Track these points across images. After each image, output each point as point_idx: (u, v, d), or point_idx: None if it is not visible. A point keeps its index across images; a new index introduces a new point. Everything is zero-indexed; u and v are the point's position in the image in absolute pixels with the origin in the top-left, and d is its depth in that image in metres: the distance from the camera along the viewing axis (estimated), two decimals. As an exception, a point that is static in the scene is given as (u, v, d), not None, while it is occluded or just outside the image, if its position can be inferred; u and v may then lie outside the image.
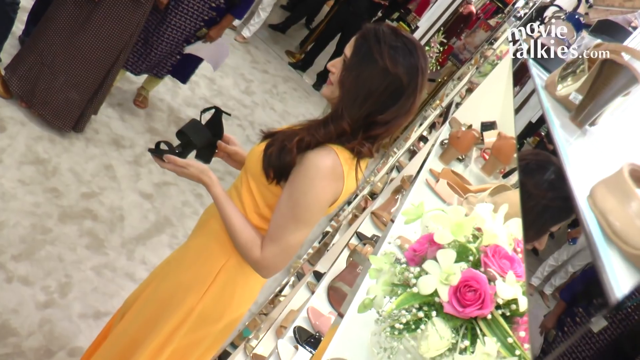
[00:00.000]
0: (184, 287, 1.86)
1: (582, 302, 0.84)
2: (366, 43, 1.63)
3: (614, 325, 0.78)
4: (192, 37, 4.41)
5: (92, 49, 3.65)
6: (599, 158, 1.29)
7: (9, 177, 3.34)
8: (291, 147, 1.64)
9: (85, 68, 3.70)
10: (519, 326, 1.23)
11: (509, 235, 1.33)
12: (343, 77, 1.66)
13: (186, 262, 1.91)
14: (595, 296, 0.69)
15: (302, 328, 2.42)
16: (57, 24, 3.61)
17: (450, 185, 2.67)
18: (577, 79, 1.56)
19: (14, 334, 2.65)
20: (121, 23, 3.66)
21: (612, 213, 0.72)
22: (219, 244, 1.84)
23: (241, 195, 1.81)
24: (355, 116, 1.65)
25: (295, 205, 1.67)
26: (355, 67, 1.64)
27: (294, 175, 1.66)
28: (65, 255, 3.15)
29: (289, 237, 1.69)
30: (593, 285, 0.76)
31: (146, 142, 4.46)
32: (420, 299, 1.24)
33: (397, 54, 1.61)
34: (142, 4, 3.67)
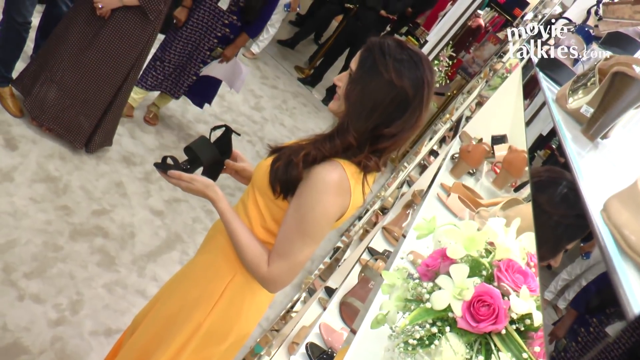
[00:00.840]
0: (191, 303, 1.87)
1: (594, 313, 0.84)
2: (371, 56, 1.63)
3: (627, 334, 0.77)
4: (207, 56, 4.46)
5: (101, 65, 3.69)
6: (611, 171, 1.29)
7: (20, 195, 3.36)
8: (297, 162, 1.64)
9: (95, 85, 3.73)
10: (534, 341, 1.23)
11: (522, 250, 1.33)
12: (348, 91, 1.66)
13: (193, 278, 1.91)
14: (611, 309, 0.68)
15: (314, 344, 2.42)
16: (66, 41, 3.65)
17: (461, 200, 2.67)
18: (588, 92, 1.56)
19: (26, 352, 2.66)
20: (130, 40, 3.69)
21: (627, 227, 0.72)
22: (225, 260, 1.84)
23: (247, 209, 1.81)
24: (361, 129, 1.65)
25: (302, 220, 1.66)
26: (361, 80, 1.63)
27: (301, 189, 1.66)
28: (76, 273, 3.16)
29: (297, 252, 1.69)
30: (608, 297, 0.76)
31: (156, 159, 4.46)
32: (433, 314, 1.24)
33: (402, 67, 1.61)
34: (151, 22, 3.70)
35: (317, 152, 1.65)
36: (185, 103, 5.35)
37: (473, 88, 5.99)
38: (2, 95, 3.85)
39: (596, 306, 0.91)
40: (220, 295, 1.84)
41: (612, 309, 0.67)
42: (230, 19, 4.32)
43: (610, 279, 0.64)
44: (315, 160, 1.64)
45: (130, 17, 3.64)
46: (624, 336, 0.59)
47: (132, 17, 3.64)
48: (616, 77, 1.40)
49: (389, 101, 1.62)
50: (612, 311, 0.67)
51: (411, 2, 8.39)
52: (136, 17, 3.65)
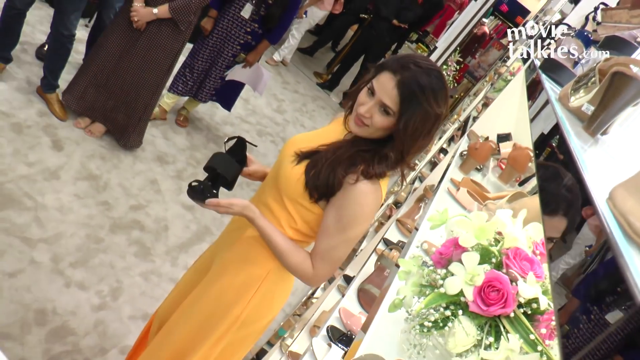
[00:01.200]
0: (230, 300, 1.85)
1: (598, 300, 0.82)
2: (410, 91, 1.55)
3: (629, 320, 0.76)
4: (231, 62, 4.49)
5: (139, 71, 3.75)
6: (612, 164, 1.27)
7: (66, 192, 3.40)
8: (344, 178, 1.63)
9: (135, 89, 3.81)
10: (540, 323, 1.22)
11: (529, 239, 1.32)
12: (392, 126, 1.61)
13: (230, 276, 1.87)
14: (618, 295, 0.67)
15: (334, 327, 2.41)
16: (107, 51, 3.71)
17: (470, 193, 2.65)
18: (589, 91, 1.54)
19: (73, 333, 2.69)
20: (164, 49, 3.73)
21: (632, 213, 0.71)
22: (262, 256, 1.83)
23: (274, 212, 1.78)
24: (407, 153, 1.65)
25: (344, 229, 1.67)
26: (404, 116, 1.57)
27: (344, 201, 1.65)
28: (116, 263, 3.18)
29: (338, 255, 1.72)
30: (613, 284, 0.75)
31: (187, 159, 4.51)
32: (447, 298, 1.23)
33: (438, 96, 1.58)
34: (182, 32, 3.73)
35: (369, 171, 1.63)
36: (213, 106, 5.37)
37: (479, 90, 5.94)
38: (50, 101, 3.90)
39: (597, 291, 0.90)
40: (257, 289, 1.83)
41: (619, 294, 0.66)
42: (252, 27, 4.35)
43: (617, 264, 0.63)
44: (366, 176, 1.63)
45: (164, 29, 3.67)
46: (633, 320, 0.58)
47: (165, 29, 3.67)
48: (615, 77, 1.38)
49: (429, 129, 1.61)
50: (619, 297, 0.66)
51: (421, 12, 8.34)
52: (169, 29, 3.68)
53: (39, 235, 3.03)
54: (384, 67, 1.59)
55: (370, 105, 1.60)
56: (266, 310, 1.89)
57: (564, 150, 1.25)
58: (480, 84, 6.67)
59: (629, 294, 0.57)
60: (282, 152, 1.83)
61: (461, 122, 4.71)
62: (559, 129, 1.44)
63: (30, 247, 2.93)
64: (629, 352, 0.76)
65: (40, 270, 2.86)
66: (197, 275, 2.07)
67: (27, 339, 2.55)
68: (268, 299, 1.87)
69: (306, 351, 2.35)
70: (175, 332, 1.95)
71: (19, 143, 3.51)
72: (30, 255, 2.90)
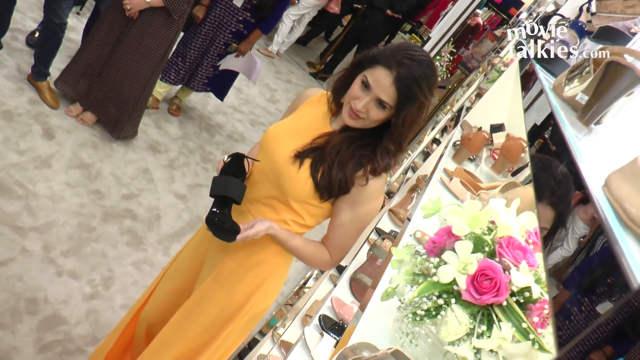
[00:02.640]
0: (241, 300, 1.88)
1: (591, 289, 0.82)
2: (406, 86, 1.55)
3: (631, 304, 0.76)
4: (223, 50, 4.46)
5: (132, 61, 3.72)
6: (606, 153, 1.27)
7: (57, 181, 3.37)
8: (359, 177, 1.66)
9: (128, 79, 3.78)
10: (532, 312, 1.22)
11: (522, 228, 1.32)
12: (386, 118, 1.62)
13: (241, 281, 1.87)
14: (613, 281, 0.67)
15: (326, 316, 2.41)
16: (100, 40, 3.69)
17: (463, 183, 2.65)
18: (583, 81, 1.53)
19: (64, 322, 2.68)
20: (157, 37, 3.70)
21: (628, 200, 0.71)
22: (268, 252, 1.85)
23: (279, 212, 1.77)
24: (403, 145, 1.69)
25: (360, 223, 1.76)
26: (402, 109, 1.57)
27: (358, 199, 1.70)
28: (108, 252, 3.17)
29: (353, 241, 1.81)
30: (607, 271, 0.75)
31: (179, 148, 4.49)
32: (439, 287, 1.23)
33: (432, 84, 1.59)
34: (175, 21, 3.70)
35: (377, 168, 1.67)
36: (205, 96, 5.34)
37: (472, 81, 5.94)
38: (41, 89, 3.87)
39: (590, 280, 0.90)
40: (265, 285, 1.89)
41: (613, 281, 0.66)
42: (244, 16, 4.33)
43: (613, 251, 0.62)
44: (374, 174, 1.67)
45: (156, 17, 3.64)
46: (627, 307, 0.58)
47: (158, 17, 3.64)
48: (610, 66, 1.38)
49: (424, 114, 1.64)
50: (614, 283, 0.65)
51: (414, 3, 8.30)
52: (161, 17, 3.65)
53: (30, 224, 3.01)
54: (378, 62, 1.57)
55: (367, 101, 1.59)
56: (270, 299, 1.95)
57: (558, 140, 1.25)
58: (473, 74, 6.67)
59: (624, 280, 0.56)
60: (268, 148, 1.79)
61: (454, 113, 4.71)
62: (553, 119, 1.44)
63: (22, 236, 2.92)
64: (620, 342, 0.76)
65: (32, 259, 2.84)
66: (187, 276, 2.04)
67: (18, 328, 2.53)
68: (274, 289, 1.93)
69: (298, 340, 2.35)
70: (176, 340, 1.93)
71: (10, 131, 3.48)
72: (22, 244, 2.88)
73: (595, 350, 0.74)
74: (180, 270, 2.10)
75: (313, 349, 2.19)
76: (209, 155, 4.67)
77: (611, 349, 0.76)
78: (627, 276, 0.56)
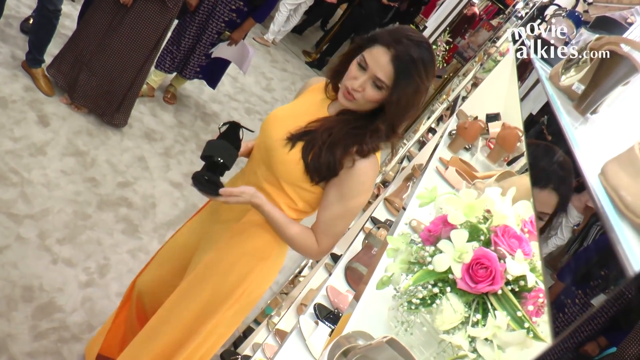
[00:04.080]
0: (235, 282, 1.87)
1: (585, 280, 0.82)
2: (404, 66, 1.55)
3: (610, 302, 0.76)
4: (215, 39, 4.44)
5: (126, 48, 3.68)
6: (602, 142, 1.27)
7: (53, 168, 3.36)
8: (344, 159, 1.65)
9: (120, 66, 3.74)
10: (527, 301, 1.22)
11: (517, 216, 1.31)
12: (384, 100, 1.61)
13: (236, 265, 1.87)
14: (609, 269, 0.67)
15: (321, 305, 2.42)
16: (94, 26, 3.65)
17: (458, 172, 2.64)
18: (579, 70, 1.53)
19: (60, 310, 2.67)
20: (151, 25, 3.67)
21: (624, 188, 0.70)
22: (267, 236, 1.85)
23: (272, 196, 1.78)
24: (399, 125, 1.68)
25: (347, 206, 1.70)
26: (398, 89, 1.57)
27: (345, 181, 1.67)
28: (103, 240, 3.16)
29: (340, 228, 1.76)
30: (602, 260, 0.74)
31: (175, 136, 4.47)
32: (435, 275, 1.23)
33: (430, 68, 1.59)
34: (169, 9, 3.68)
35: (364, 148, 1.64)
36: (201, 84, 5.32)
37: (468, 71, 5.93)
38: (35, 76, 3.84)
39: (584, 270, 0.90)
40: (260, 270, 1.88)
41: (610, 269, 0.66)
42: (237, 5, 4.30)
43: (609, 238, 0.62)
44: (361, 154, 1.65)
45: (151, 5, 3.62)
46: (624, 295, 0.58)
47: (152, 5, 3.62)
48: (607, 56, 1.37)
49: (420, 99, 1.62)
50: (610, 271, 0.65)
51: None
52: (156, 5, 3.62)
53: (25, 212, 3.00)
54: (376, 41, 1.58)
55: (364, 80, 1.59)
56: (264, 286, 1.95)
57: (555, 129, 1.24)
58: (469, 64, 6.65)
59: (619, 269, 0.56)
60: (265, 129, 1.80)
61: (450, 102, 4.70)
62: (549, 108, 1.44)
63: (17, 223, 2.91)
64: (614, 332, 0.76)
65: (27, 247, 2.84)
66: (186, 252, 2.06)
67: (14, 316, 2.53)
68: (267, 276, 1.93)
69: (293, 329, 2.35)
70: (167, 327, 1.94)
71: (4, 118, 3.46)
72: (17, 231, 2.87)
73: (590, 340, 0.75)
74: (180, 245, 2.12)
75: (308, 338, 2.20)
76: (204, 143, 4.65)
77: (605, 339, 0.76)
78: (623, 264, 0.56)
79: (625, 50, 1.38)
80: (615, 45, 1.42)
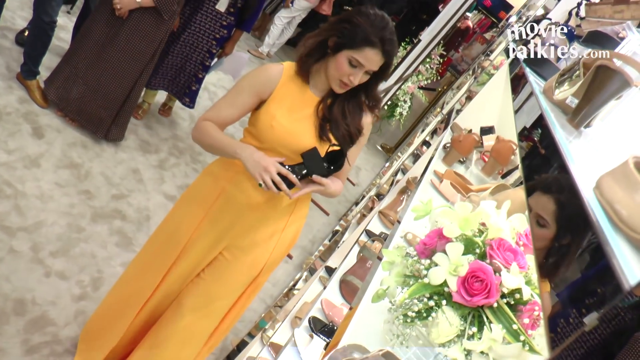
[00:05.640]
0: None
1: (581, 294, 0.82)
2: (391, 55, 1.87)
3: (604, 324, 0.76)
4: (206, 58, 4.32)
5: (121, 62, 3.68)
6: (596, 156, 1.28)
7: (47, 180, 3.35)
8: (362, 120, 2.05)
9: (115, 80, 3.73)
10: (523, 314, 1.22)
11: (512, 230, 1.32)
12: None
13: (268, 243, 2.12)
14: (605, 283, 0.67)
15: (316, 318, 2.41)
16: (90, 40, 3.65)
17: (453, 185, 2.66)
18: (573, 84, 1.55)
19: (52, 324, 2.65)
20: (147, 39, 3.68)
21: (619, 202, 0.71)
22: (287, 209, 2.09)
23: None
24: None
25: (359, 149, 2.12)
26: (385, 70, 1.91)
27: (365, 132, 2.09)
28: (97, 252, 3.15)
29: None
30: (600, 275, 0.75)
31: (169, 148, 4.47)
32: (430, 289, 1.23)
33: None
34: (165, 22, 3.69)
35: (369, 105, 2.05)
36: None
37: (462, 84, 5.97)
38: (30, 88, 3.84)
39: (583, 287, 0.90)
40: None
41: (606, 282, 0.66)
42: (228, 21, 4.19)
43: (604, 252, 0.63)
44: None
45: (147, 18, 3.62)
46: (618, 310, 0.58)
47: (148, 18, 3.63)
48: (600, 70, 1.39)
49: None
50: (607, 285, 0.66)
51: (405, 5, 8.33)
52: (152, 17, 3.63)
53: (18, 224, 2.98)
54: (365, 44, 1.81)
55: (359, 75, 1.85)
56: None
57: (549, 142, 1.25)
58: (463, 77, 6.70)
59: (616, 281, 0.57)
60: (286, 142, 1.94)
61: (444, 115, 4.73)
62: (543, 121, 1.45)
63: (10, 236, 2.89)
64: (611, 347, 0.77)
65: (20, 260, 2.82)
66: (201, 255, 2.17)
67: (5, 329, 2.51)
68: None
69: (288, 342, 2.35)
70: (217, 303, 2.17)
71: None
72: (10, 244, 2.85)
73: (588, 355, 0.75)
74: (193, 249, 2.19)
75: (303, 351, 2.19)
76: (199, 156, 4.65)
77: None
78: (618, 277, 0.57)
79: (618, 65, 1.39)
80: (607, 60, 1.44)
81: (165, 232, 2.25)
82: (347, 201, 5.62)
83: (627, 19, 2.21)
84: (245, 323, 3.31)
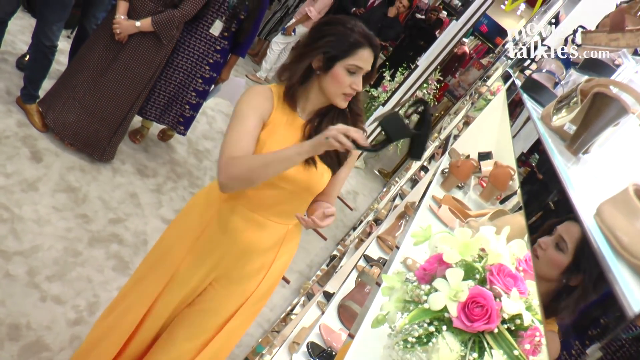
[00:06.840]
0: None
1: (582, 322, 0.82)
2: (377, 51, 1.91)
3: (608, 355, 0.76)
4: (199, 84, 4.23)
5: (119, 86, 3.71)
6: (595, 182, 1.29)
7: (44, 204, 3.35)
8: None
9: (112, 103, 3.75)
10: (524, 339, 1.22)
11: (512, 255, 1.33)
12: None
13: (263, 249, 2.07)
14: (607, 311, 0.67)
15: (315, 343, 2.40)
16: (89, 64, 3.68)
17: (451, 211, 2.66)
18: (570, 111, 1.56)
19: (47, 349, 2.63)
20: (145, 63, 3.71)
21: (620, 229, 0.72)
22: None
23: (304, 204, 2.03)
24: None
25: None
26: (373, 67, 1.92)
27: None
28: (93, 277, 3.14)
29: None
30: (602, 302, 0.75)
31: (167, 172, 4.48)
32: (430, 314, 1.23)
33: None
34: (164, 46, 3.73)
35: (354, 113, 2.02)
36: (194, 121, 5.34)
37: (459, 109, 6.01)
38: (30, 112, 3.85)
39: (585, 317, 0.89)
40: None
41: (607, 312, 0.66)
42: (222, 45, 4.10)
43: (606, 279, 0.63)
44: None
45: (146, 42, 3.66)
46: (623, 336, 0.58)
47: (147, 42, 3.66)
48: (597, 97, 1.41)
49: None
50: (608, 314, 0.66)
51: (402, 30, 8.42)
52: (151, 42, 3.67)
53: (14, 248, 2.97)
54: (356, 48, 1.83)
55: (360, 80, 1.87)
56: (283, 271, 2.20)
57: (547, 168, 1.26)
58: (460, 102, 6.75)
59: (618, 308, 0.57)
60: (295, 179, 1.92)
61: (442, 140, 4.75)
62: (540, 147, 1.46)
63: (6, 260, 2.88)
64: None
65: (15, 284, 2.80)
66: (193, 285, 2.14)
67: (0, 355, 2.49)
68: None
69: (286, 368, 2.33)
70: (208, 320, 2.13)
71: (-3, 154, 3.46)
72: (5, 268, 2.84)
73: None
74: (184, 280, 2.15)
75: (301, 377, 2.18)
76: (197, 180, 4.66)
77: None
78: (621, 304, 0.57)
79: (615, 92, 1.41)
80: (604, 87, 1.46)
81: (155, 257, 2.23)
82: (345, 226, 5.62)
83: (623, 46, 2.24)
84: (242, 348, 3.28)
